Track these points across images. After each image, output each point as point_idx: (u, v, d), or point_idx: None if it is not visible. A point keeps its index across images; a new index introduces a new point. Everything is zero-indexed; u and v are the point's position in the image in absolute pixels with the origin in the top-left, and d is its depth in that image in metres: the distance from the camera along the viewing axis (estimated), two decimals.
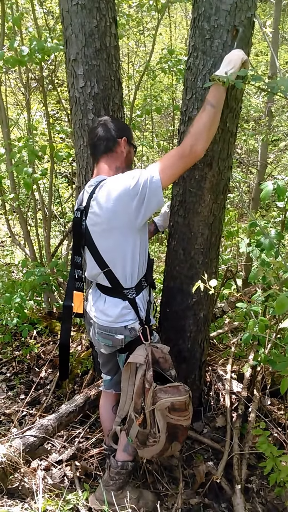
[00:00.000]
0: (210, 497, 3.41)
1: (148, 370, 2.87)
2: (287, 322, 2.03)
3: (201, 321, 3.69)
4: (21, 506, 2.95)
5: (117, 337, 2.97)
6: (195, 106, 3.07)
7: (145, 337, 2.97)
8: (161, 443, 2.92)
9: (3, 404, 4.62)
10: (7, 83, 5.98)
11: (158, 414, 2.86)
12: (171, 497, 3.40)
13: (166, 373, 3.02)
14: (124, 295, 2.96)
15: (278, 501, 3.24)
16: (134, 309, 2.96)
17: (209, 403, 4.07)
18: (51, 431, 3.61)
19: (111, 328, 2.97)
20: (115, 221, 2.77)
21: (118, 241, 2.84)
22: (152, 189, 2.68)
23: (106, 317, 2.98)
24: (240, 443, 3.57)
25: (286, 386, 2.89)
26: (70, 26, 3.26)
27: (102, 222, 2.80)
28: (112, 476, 3.26)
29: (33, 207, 5.92)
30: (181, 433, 2.97)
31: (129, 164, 3.08)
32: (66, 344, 3.25)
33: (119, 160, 2.99)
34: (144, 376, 2.88)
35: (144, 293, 3.06)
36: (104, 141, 2.96)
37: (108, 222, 2.78)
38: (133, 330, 2.96)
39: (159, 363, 3.00)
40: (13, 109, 7.52)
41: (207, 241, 3.43)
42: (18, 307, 4.64)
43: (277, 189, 3.05)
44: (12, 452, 3.23)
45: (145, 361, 2.89)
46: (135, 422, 2.95)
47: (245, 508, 3.10)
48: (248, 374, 4.06)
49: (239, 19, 2.82)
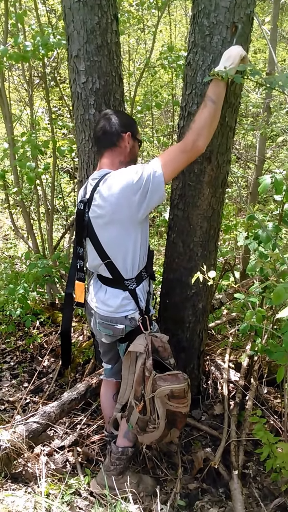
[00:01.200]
0: (208, 482, 3.41)
1: (148, 358, 2.88)
2: (283, 312, 2.02)
3: (199, 312, 3.69)
4: (25, 490, 2.96)
5: (118, 326, 2.97)
6: (194, 101, 3.07)
7: (145, 326, 2.98)
8: (160, 430, 2.93)
9: (7, 392, 4.64)
10: (10, 79, 5.96)
11: (157, 401, 2.87)
12: (170, 482, 3.41)
13: (165, 361, 3.03)
14: (124, 286, 2.96)
15: (274, 486, 3.24)
16: (134, 300, 2.96)
17: (207, 392, 4.08)
18: (53, 418, 3.62)
19: (111, 318, 2.98)
20: (118, 214, 2.76)
21: (119, 234, 2.84)
22: (154, 184, 2.68)
23: (107, 307, 2.98)
24: (237, 430, 3.58)
25: (282, 375, 2.90)
26: (72, 23, 3.25)
27: (104, 214, 2.79)
28: (113, 462, 3.27)
29: (36, 201, 5.92)
30: (180, 420, 2.99)
31: (133, 159, 3.07)
32: (68, 331, 3.24)
33: (122, 155, 2.97)
34: (144, 365, 2.88)
35: (144, 284, 3.06)
36: (108, 135, 2.94)
37: (111, 215, 2.77)
38: (133, 320, 2.97)
39: (159, 352, 3.01)
40: (16, 105, 7.50)
41: (206, 234, 3.42)
42: (22, 298, 4.65)
43: (274, 183, 3.04)
44: (16, 438, 3.24)
45: (145, 350, 2.89)
46: (135, 409, 2.96)
47: (242, 493, 3.09)
48: (245, 363, 4.06)
49: (238, 15, 2.82)
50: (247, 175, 8.11)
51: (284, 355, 2.81)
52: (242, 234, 3.62)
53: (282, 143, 9.22)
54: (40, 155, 4.68)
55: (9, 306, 4.84)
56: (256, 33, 9.00)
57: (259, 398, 3.83)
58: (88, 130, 3.43)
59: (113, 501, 2.86)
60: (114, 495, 3.01)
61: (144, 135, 7.83)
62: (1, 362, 5.15)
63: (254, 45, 9.92)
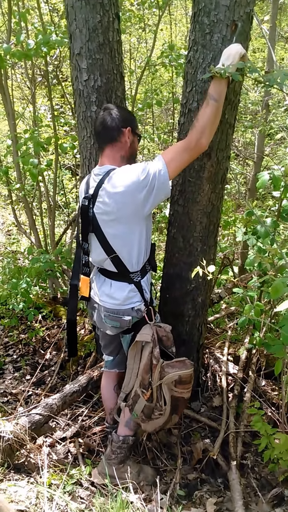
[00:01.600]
0: (207, 473, 3.43)
1: (155, 347, 2.94)
2: (281, 306, 2.03)
3: (199, 306, 3.70)
4: (27, 480, 2.98)
5: (125, 318, 3.01)
6: (195, 99, 3.07)
7: (150, 317, 3.03)
8: (165, 416, 2.99)
9: (10, 384, 4.65)
10: (13, 77, 5.96)
11: (165, 388, 2.94)
12: (169, 473, 3.43)
13: (168, 350, 3.08)
14: (130, 278, 3.00)
15: (272, 476, 3.25)
16: (139, 292, 3.02)
17: (206, 384, 4.09)
18: (55, 410, 3.64)
19: (118, 310, 3.01)
20: (123, 211, 2.79)
21: (125, 230, 2.87)
22: (160, 181, 2.72)
23: (113, 300, 3.01)
24: (235, 422, 3.59)
25: (280, 368, 2.91)
26: (75, 21, 3.25)
27: (111, 211, 2.81)
28: (114, 450, 3.29)
29: (38, 197, 5.92)
30: (181, 405, 3.04)
31: (133, 153, 3.09)
32: (73, 321, 3.29)
33: (123, 150, 2.98)
34: (151, 353, 2.94)
35: (148, 276, 3.12)
36: (108, 130, 2.95)
37: (117, 211, 2.80)
38: (139, 311, 3.01)
39: (163, 341, 3.06)
40: (19, 103, 7.50)
41: (205, 229, 3.43)
42: (24, 292, 4.66)
43: (273, 179, 3.05)
44: (19, 429, 3.25)
45: (152, 339, 2.95)
46: (142, 397, 3.01)
47: (240, 483, 3.11)
48: (243, 356, 4.07)
49: (238, 14, 2.82)
50: (246, 172, 8.11)
51: (282, 348, 2.82)
52: (240, 229, 3.62)
53: (280, 141, 9.22)
54: (42, 152, 4.68)
55: (12, 300, 4.85)
56: (255, 32, 8.99)
57: (257, 390, 3.85)
58: (90, 127, 3.44)
59: (114, 491, 2.88)
60: (115, 484, 3.04)
61: (145, 132, 7.83)
62: (4, 355, 5.16)
63: (253, 44, 9.91)
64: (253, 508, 3.04)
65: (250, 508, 3.04)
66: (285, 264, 2.73)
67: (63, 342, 4.90)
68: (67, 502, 2.79)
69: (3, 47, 4.21)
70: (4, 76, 5.06)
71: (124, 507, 2.62)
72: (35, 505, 2.70)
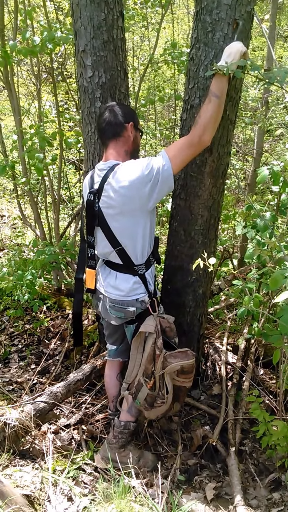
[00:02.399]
0: (206, 459, 3.45)
1: (158, 338, 2.96)
2: (280, 297, 2.04)
3: (199, 297, 3.71)
4: (32, 466, 2.99)
5: (129, 309, 3.03)
6: (197, 95, 3.08)
7: (153, 308, 3.05)
8: (168, 404, 3.02)
9: (16, 373, 4.66)
10: (19, 74, 5.96)
11: (167, 377, 2.96)
12: (170, 458, 3.44)
13: (171, 340, 3.11)
14: (135, 271, 3.02)
15: (269, 462, 3.28)
16: (144, 283, 3.04)
17: (206, 373, 4.11)
18: (60, 398, 3.64)
19: (123, 301, 3.03)
20: (129, 205, 2.81)
21: (130, 223, 2.88)
22: (164, 176, 2.73)
23: (118, 292, 3.03)
24: (234, 409, 3.61)
25: (278, 357, 2.93)
26: (80, 19, 3.25)
27: (116, 205, 2.83)
28: (116, 435, 3.32)
29: (43, 191, 5.92)
30: (182, 394, 3.09)
31: (136, 148, 3.09)
32: (79, 313, 3.34)
33: (126, 145, 2.99)
34: (154, 344, 2.97)
35: (152, 269, 3.14)
36: (112, 126, 2.96)
37: (122, 205, 2.82)
38: (143, 303, 3.04)
39: (166, 332, 3.09)
40: (25, 98, 7.49)
41: (206, 222, 3.44)
42: (29, 283, 4.67)
43: (272, 174, 3.05)
44: (24, 416, 3.26)
45: (155, 330, 2.97)
46: (145, 386, 3.03)
47: (238, 468, 3.14)
48: (242, 346, 4.08)
49: (239, 12, 2.83)
50: (245, 167, 8.10)
51: (279, 338, 2.84)
52: (240, 223, 3.63)
53: (279, 137, 9.21)
54: (47, 147, 4.67)
55: (17, 292, 4.85)
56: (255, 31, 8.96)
57: (256, 379, 3.86)
58: (94, 123, 3.43)
59: (117, 476, 2.89)
60: (117, 469, 3.06)
61: (147, 128, 7.82)
62: (10, 345, 5.17)
63: (253, 43, 9.89)
64: (251, 493, 3.07)
65: (248, 493, 3.06)
66: (283, 257, 2.74)
67: (67, 332, 4.91)
68: (71, 487, 2.81)
69: (10, 44, 4.21)
70: (10, 73, 5.06)
71: (126, 491, 2.64)
72: (39, 489, 2.72)
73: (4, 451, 2.99)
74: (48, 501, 2.67)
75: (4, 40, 4.79)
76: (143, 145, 8.32)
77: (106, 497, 2.65)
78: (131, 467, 3.16)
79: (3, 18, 4.77)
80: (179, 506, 2.63)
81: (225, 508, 2.92)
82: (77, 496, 2.73)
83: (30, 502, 2.58)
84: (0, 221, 9.18)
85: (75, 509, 2.61)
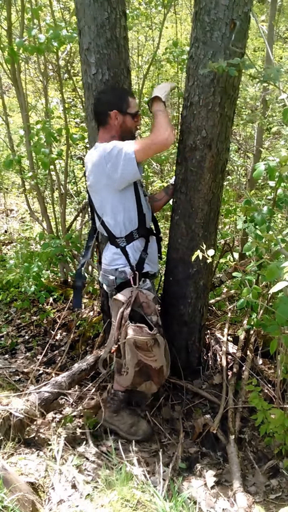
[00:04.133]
0: (207, 446, 3.45)
1: (127, 308, 3.10)
2: (276, 287, 2.03)
3: (200, 289, 3.72)
4: (37, 454, 2.98)
5: (110, 277, 3.30)
6: (196, 92, 3.12)
7: (134, 281, 3.20)
8: (130, 375, 3.15)
9: (22, 364, 4.66)
10: (27, 72, 5.92)
11: (127, 348, 3.06)
12: (172, 447, 3.44)
13: (147, 317, 3.19)
14: (116, 243, 3.26)
15: (268, 449, 3.28)
16: (125, 256, 3.25)
17: (207, 363, 4.10)
18: (64, 387, 3.63)
19: (105, 269, 3.33)
20: (98, 182, 3.16)
21: (104, 197, 3.20)
22: (126, 159, 3.00)
23: (104, 260, 3.35)
24: (234, 398, 3.61)
25: (275, 347, 2.94)
26: (83, 18, 3.28)
27: (90, 183, 3.23)
28: (108, 400, 3.52)
29: (50, 186, 5.90)
30: (153, 373, 3.17)
31: (126, 132, 3.27)
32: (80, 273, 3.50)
33: (113, 130, 3.23)
34: (122, 313, 3.09)
35: (136, 244, 3.30)
36: (98, 115, 3.26)
37: (94, 183, 3.21)
38: (123, 273, 3.25)
39: (143, 307, 3.18)
40: (32, 95, 7.46)
41: (206, 216, 3.47)
42: (36, 276, 4.67)
43: (268, 169, 3.04)
44: (29, 405, 3.26)
45: (126, 301, 3.12)
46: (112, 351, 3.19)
47: (238, 456, 3.15)
48: (242, 337, 4.07)
49: (236, 13, 2.87)
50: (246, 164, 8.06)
51: (277, 329, 2.83)
52: (241, 217, 3.61)
53: (279, 135, 9.17)
54: (54, 142, 4.66)
55: (24, 284, 4.85)
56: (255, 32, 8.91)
57: (255, 368, 3.86)
58: None
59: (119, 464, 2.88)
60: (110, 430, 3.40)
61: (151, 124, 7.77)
62: (17, 336, 5.17)
63: (253, 44, 9.85)
64: (250, 479, 3.08)
65: (247, 479, 3.07)
66: (280, 249, 2.71)
67: (73, 323, 4.89)
68: (75, 475, 2.79)
69: (16, 41, 4.21)
70: (18, 70, 5.04)
71: (128, 479, 2.63)
72: (44, 477, 2.71)
73: (9, 440, 2.98)
74: (52, 489, 2.65)
75: (12, 38, 4.78)
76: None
77: (109, 484, 2.65)
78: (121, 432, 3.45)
79: (10, 17, 4.75)
80: (180, 493, 2.61)
81: (225, 494, 2.93)
82: (81, 483, 2.71)
83: (34, 490, 2.58)
84: (9, 215, 9.15)
85: (78, 496, 2.59)
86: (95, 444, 3.38)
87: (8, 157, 4.89)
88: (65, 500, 2.57)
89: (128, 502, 2.40)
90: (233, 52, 2.92)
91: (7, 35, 4.80)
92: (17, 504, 2.28)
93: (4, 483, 2.33)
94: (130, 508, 2.37)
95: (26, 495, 2.41)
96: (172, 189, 3.60)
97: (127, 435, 3.44)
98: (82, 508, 2.43)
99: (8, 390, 3.91)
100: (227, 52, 2.93)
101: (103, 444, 3.41)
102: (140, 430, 3.46)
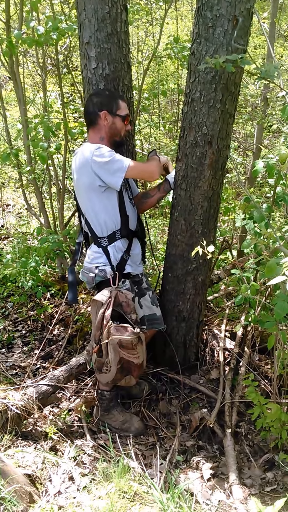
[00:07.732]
0: (204, 440, 3.50)
1: (108, 308, 3.13)
2: (273, 280, 2.09)
3: (199, 285, 3.75)
4: (34, 447, 3.02)
5: (90, 274, 3.35)
6: (197, 89, 3.13)
7: (114, 281, 3.24)
8: (112, 373, 3.16)
9: (19, 358, 4.70)
10: (25, 66, 5.94)
11: (110, 347, 3.09)
12: (169, 440, 3.49)
13: (127, 315, 3.25)
14: (98, 242, 3.31)
15: (264, 443, 3.32)
16: (106, 255, 3.30)
17: (205, 358, 4.14)
18: (62, 381, 3.67)
19: (86, 266, 3.39)
20: (81, 181, 3.21)
21: (85, 198, 3.27)
22: (118, 169, 3.11)
23: (86, 258, 3.41)
24: (231, 393, 3.66)
25: (272, 343, 2.99)
26: (84, 12, 3.29)
27: (76, 179, 3.26)
28: (98, 399, 3.56)
29: (48, 181, 5.92)
30: (134, 369, 3.21)
31: (116, 133, 3.34)
32: (73, 269, 3.53)
33: (102, 131, 3.28)
34: (103, 313, 3.12)
35: (118, 244, 3.35)
36: (88, 115, 3.29)
37: (77, 181, 3.24)
38: (102, 271, 3.29)
39: (122, 306, 3.23)
40: (31, 89, 7.48)
41: (206, 212, 3.49)
42: (33, 270, 4.69)
43: (267, 167, 3.09)
44: (27, 399, 3.30)
45: (106, 301, 3.15)
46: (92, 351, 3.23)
47: (234, 449, 3.19)
48: (239, 333, 4.12)
49: (239, 9, 2.88)
50: (246, 162, 8.10)
51: (274, 325, 2.88)
52: (240, 215, 3.66)
53: (278, 133, 9.21)
54: (52, 137, 4.68)
55: (21, 278, 4.87)
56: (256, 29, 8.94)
57: (252, 364, 3.90)
58: None
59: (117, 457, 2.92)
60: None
61: (151, 121, 7.80)
62: (14, 331, 5.21)
63: (255, 41, 9.87)
64: (246, 472, 3.12)
65: (243, 472, 3.12)
66: (279, 246, 2.76)
67: (70, 318, 4.93)
68: (72, 468, 2.83)
69: (15, 33, 4.22)
70: (16, 63, 5.05)
71: (125, 471, 2.67)
72: (41, 469, 2.75)
73: (6, 432, 3.02)
74: (49, 481, 2.70)
75: (10, 30, 4.81)
76: (147, 138, 8.33)
77: (106, 477, 2.68)
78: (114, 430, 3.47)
79: (9, 9, 4.78)
80: (177, 485, 2.66)
81: (221, 487, 2.96)
82: (78, 476, 2.75)
83: (31, 481, 2.61)
84: (6, 210, 9.17)
85: (75, 488, 2.64)
86: (92, 437, 3.43)
87: (5, 151, 4.92)
88: (62, 492, 2.61)
89: (126, 493, 2.43)
90: (235, 48, 2.93)
91: (6, 28, 4.83)
92: (14, 496, 2.32)
93: (2, 475, 2.37)
94: (128, 500, 2.40)
95: (23, 486, 2.46)
96: (164, 186, 3.64)
97: (120, 432, 3.47)
98: (79, 499, 2.46)
99: (5, 384, 3.95)
100: (229, 49, 2.94)
101: (100, 437, 3.45)
102: (132, 427, 3.50)
